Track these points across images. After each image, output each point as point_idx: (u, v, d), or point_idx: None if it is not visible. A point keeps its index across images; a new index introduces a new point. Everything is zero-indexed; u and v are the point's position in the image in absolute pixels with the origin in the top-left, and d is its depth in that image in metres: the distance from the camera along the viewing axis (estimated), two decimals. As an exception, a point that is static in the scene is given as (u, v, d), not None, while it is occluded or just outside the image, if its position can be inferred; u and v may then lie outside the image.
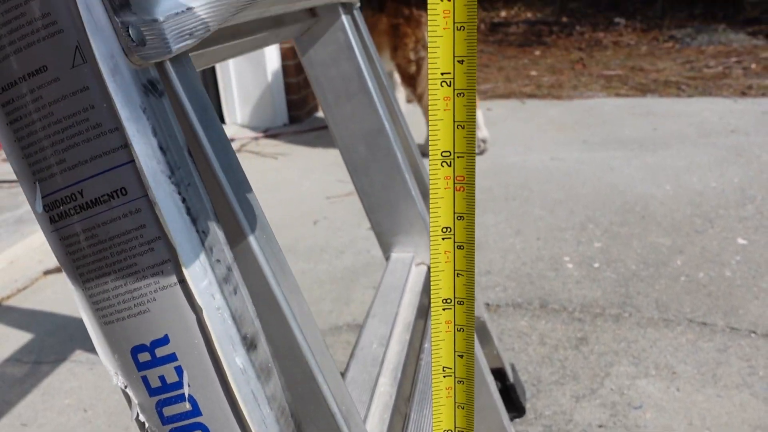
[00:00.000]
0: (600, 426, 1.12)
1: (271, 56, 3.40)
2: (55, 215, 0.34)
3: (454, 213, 0.38)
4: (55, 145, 0.33)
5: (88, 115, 0.32)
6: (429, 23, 0.36)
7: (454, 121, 0.36)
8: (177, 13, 0.36)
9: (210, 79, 3.42)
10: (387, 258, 0.89)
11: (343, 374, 0.64)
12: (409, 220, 0.86)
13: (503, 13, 7.24)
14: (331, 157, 2.80)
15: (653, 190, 2.17)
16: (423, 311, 0.82)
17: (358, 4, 0.81)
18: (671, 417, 1.13)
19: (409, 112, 3.02)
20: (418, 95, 2.68)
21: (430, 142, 0.38)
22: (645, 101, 3.48)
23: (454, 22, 0.36)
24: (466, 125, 0.37)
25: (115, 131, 0.32)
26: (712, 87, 3.73)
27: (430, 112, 0.37)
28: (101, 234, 0.34)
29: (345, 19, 0.77)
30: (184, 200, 0.34)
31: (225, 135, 0.40)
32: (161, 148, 0.33)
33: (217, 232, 0.36)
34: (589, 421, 1.13)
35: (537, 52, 5.22)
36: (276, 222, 2.15)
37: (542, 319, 1.46)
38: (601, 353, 1.33)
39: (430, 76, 0.37)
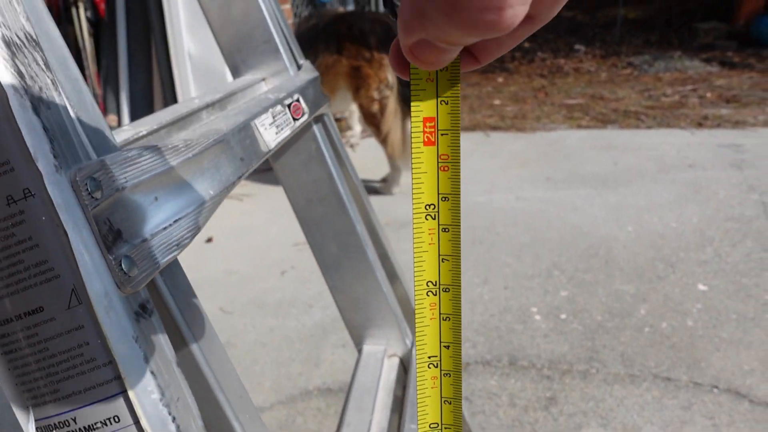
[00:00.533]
0: (571, 494, 1.15)
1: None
2: (48, 437, 0.35)
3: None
4: (49, 376, 0.34)
5: (82, 351, 0.33)
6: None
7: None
8: (165, 227, 0.38)
9: (171, 102, 3.40)
10: (359, 350, 0.91)
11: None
12: (380, 316, 0.88)
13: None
14: (301, 196, 2.81)
15: (616, 232, 2.24)
16: (397, 406, 0.84)
17: (329, 111, 0.84)
18: (639, 482, 1.17)
19: (370, 146, 3.06)
20: (382, 136, 2.72)
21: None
22: (606, 133, 3.58)
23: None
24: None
25: (109, 364, 0.34)
26: (670, 117, 3.85)
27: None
28: (94, 457, 0.35)
29: (316, 128, 0.79)
30: (174, 419, 0.35)
31: (211, 328, 0.42)
32: (152, 373, 0.35)
33: (206, 440, 0.37)
34: (560, 489, 1.16)
35: (500, 79, 5.32)
36: (244, 272, 2.15)
37: (512, 378, 1.49)
38: (570, 414, 1.36)
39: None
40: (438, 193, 0.36)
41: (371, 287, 0.85)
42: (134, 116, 3.15)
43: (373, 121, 2.70)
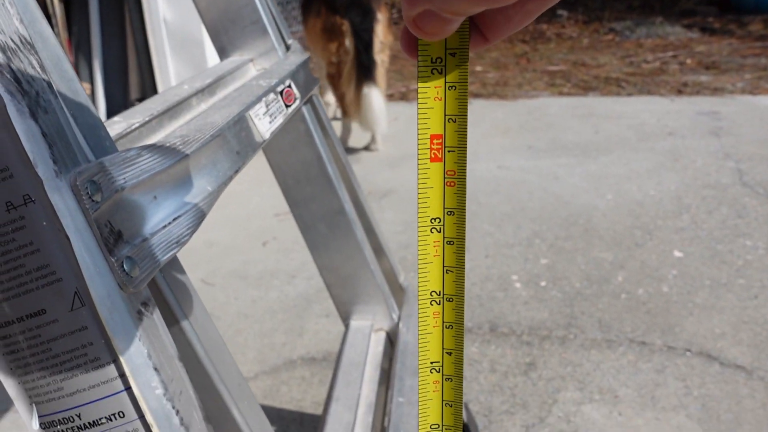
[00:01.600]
0: (549, 457, 1.20)
1: (213, 54, 3.34)
2: (53, 432, 0.36)
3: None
4: (53, 375, 0.35)
5: (86, 351, 0.34)
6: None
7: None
8: (164, 226, 0.39)
9: (148, 81, 3.31)
10: (346, 325, 0.93)
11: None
12: (367, 292, 0.90)
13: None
14: (283, 165, 2.80)
15: (596, 201, 2.27)
16: (384, 379, 0.87)
17: (318, 92, 0.84)
18: (614, 445, 1.22)
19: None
20: (338, 94, 2.94)
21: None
22: (587, 101, 3.59)
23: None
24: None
25: (113, 363, 0.35)
26: (651, 84, 3.87)
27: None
28: (100, 449, 0.36)
29: (305, 109, 0.79)
30: (177, 412, 0.37)
31: (210, 320, 0.43)
32: (155, 369, 0.36)
33: (206, 430, 0.39)
34: (539, 453, 1.21)
35: (483, 45, 5.28)
36: (225, 243, 2.15)
37: (492, 344, 1.53)
38: (549, 379, 1.41)
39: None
40: (444, 208, 0.36)
41: (359, 265, 0.86)
42: (108, 84, 3.07)
43: (332, 81, 2.91)
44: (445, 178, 0.36)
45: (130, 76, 3.09)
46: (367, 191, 2.46)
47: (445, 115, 0.35)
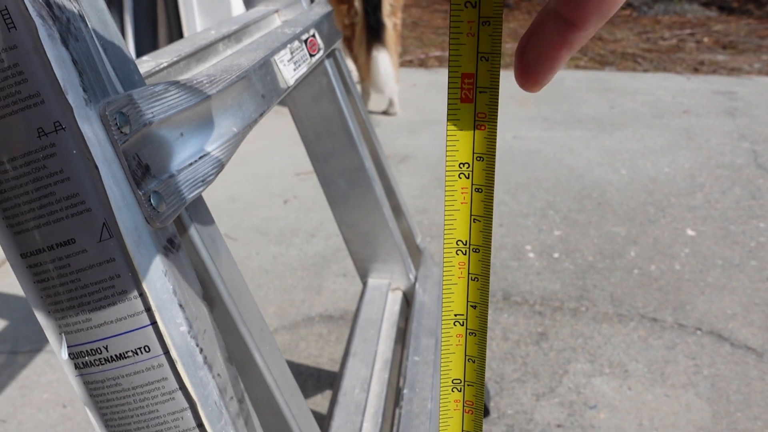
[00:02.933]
0: (558, 426, 1.20)
1: (239, 9, 3.33)
2: (80, 363, 0.36)
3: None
4: (81, 306, 0.35)
5: (114, 283, 0.34)
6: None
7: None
8: (191, 163, 0.38)
9: (177, 35, 3.31)
10: (364, 283, 0.93)
11: (328, 421, 0.68)
12: (385, 250, 0.89)
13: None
14: (295, 130, 2.80)
15: (610, 176, 2.25)
16: (400, 337, 0.87)
17: (340, 47, 0.82)
18: (623, 417, 1.22)
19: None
20: (352, 57, 2.94)
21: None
22: (603, 75, 3.54)
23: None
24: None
25: (140, 296, 0.34)
26: (667, 61, 3.81)
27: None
28: (124, 383, 0.36)
29: (327, 63, 0.78)
30: (201, 350, 0.37)
31: (234, 264, 0.43)
32: (180, 306, 0.36)
33: (229, 371, 0.39)
34: (548, 421, 1.21)
35: (500, 16, 5.20)
36: (247, 200, 2.17)
37: (505, 312, 1.53)
38: (560, 350, 1.41)
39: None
40: (473, 152, 0.35)
41: (378, 222, 0.86)
42: (138, 38, 3.10)
43: (347, 45, 2.91)
44: (475, 120, 0.34)
45: (159, 30, 3.12)
46: (386, 155, 2.46)
47: (477, 52, 0.33)
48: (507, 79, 3.49)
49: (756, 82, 3.37)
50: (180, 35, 3.06)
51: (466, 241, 0.36)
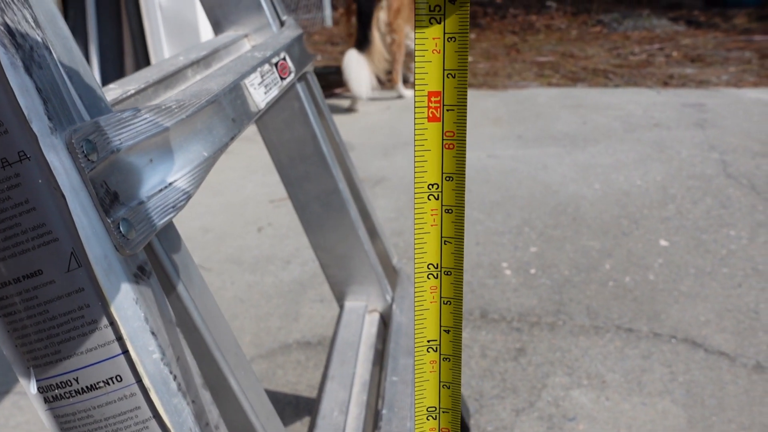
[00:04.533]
0: (538, 441, 1.21)
1: (208, 38, 3.32)
2: (50, 396, 0.36)
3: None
4: (50, 338, 0.34)
5: (83, 313, 0.34)
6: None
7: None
8: (161, 189, 0.38)
9: (144, 65, 3.30)
10: (340, 306, 0.93)
11: (306, 444, 0.67)
12: (362, 273, 0.89)
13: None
14: (271, 152, 2.79)
15: (584, 190, 2.28)
16: (378, 359, 0.87)
17: (312, 70, 0.83)
18: (601, 428, 1.22)
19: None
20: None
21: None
22: (576, 92, 3.60)
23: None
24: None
25: (110, 326, 0.34)
26: (637, 76, 3.89)
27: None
28: (96, 415, 0.35)
29: (299, 86, 0.78)
30: (174, 377, 0.36)
31: (207, 289, 0.42)
32: (152, 333, 0.35)
33: (203, 397, 0.38)
34: (528, 436, 1.22)
35: (472, 35, 5.28)
36: (221, 230, 2.14)
37: (483, 330, 1.54)
38: (538, 364, 1.41)
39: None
40: (442, 173, 0.34)
41: (353, 245, 0.86)
42: (104, 69, 3.06)
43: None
44: (443, 139, 0.34)
45: (126, 61, 3.08)
46: (361, 178, 2.46)
47: (444, 69, 0.33)
48: (481, 97, 3.54)
49: (724, 93, 3.45)
50: (147, 64, 3.04)
51: (437, 264, 0.35)
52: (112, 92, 0.45)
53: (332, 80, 4.04)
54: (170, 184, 0.38)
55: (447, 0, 0.32)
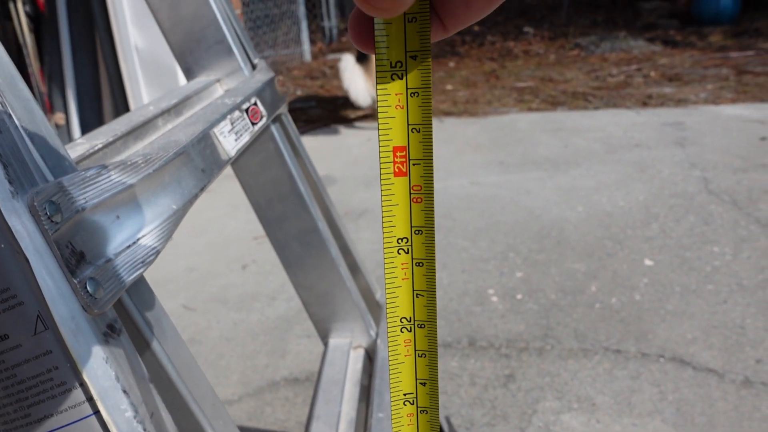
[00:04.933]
0: (530, 469, 1.20)
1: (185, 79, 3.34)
2: (20, 459, 0.35)
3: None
4: (19, 402, 0.34)
5: (52, 375, 0.34)
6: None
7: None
8: (129, 246, 0.39)
9: (122, 108, 3.31)
10: (325, 343, 0.93)
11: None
12: (344, 310, 0.89)
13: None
14: (256, 187, 2.79)
15: (567, 213, 2.30)
16: (364, 395, 0.86)
17: (286, 111, 0.84)
18: (594, 454, 1.22)
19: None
20: None
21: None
22: (556, 116, 3.65)
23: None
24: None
25: (80, 386, 0.34)
26: (616, 97, 3.96)
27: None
28: (68, 475, 0.35)
29: (274, 128, 0.79)
30: (147, 434, 0.36)
31: (182, 341, 0.43)
32: (124, 391, 0.35)
33: (178, 451, 0.38)
34: (520, 465, 1.21)
35: (451, 64, 5.36)
36: (205, 269, 2.13)
37: (471, 358, 1.53)
38: (528, 390, 1.41)
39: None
40: (411, 227, 0.34)
41: (335, 282, 0.86)
42: (82, 113, 3.06)
43: None
44: (411, 194, 0.34)
45: (104, 104, 3.07)
46: (343, 212, 2.46)
47: (408, 124, 0.33)
48: (461, 125, 3.58)
49: (702, 111, 3.51)
50: (126, 108, 3.03)
51: (410, 318, 0.35)
52: (79, 147, 0.46)
53: (313, 114, 4.07)
54: (139, 239, 0.39)
55: (408, 56, 0.32)
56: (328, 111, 4.13)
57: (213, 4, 0.72)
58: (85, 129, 3.06)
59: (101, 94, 3.07)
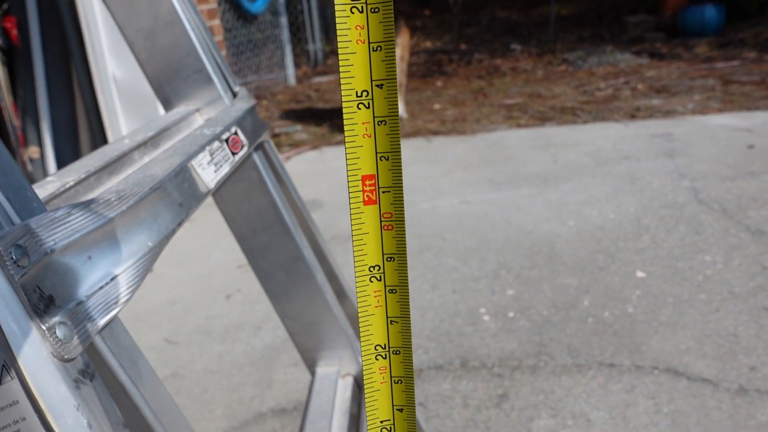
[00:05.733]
0: (526, 489, 1.19)
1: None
2: (-8, 504, 0.35)
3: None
4: (-13, 450, 0.34)
5: (19, 427, 0.33)
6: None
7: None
8: (101, 287, 0.39)
9: (100, 141, 3.18)
10: (312, 373, 0.92)
11: None
12: (331, 337, 0.89)
13: (405, 42, 7.43)
14: (248, 213, 2.79)
15: (558, 228, 2.31)
16: (354, 423, 0.86)
17: (269, 138, 0.84)
18: (589, 471, 1.22)
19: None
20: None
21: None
22: (544, 131, 3.68)
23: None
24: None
25: (49, 433, 0.34)
26: (605, 111, 3.99)
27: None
28: None
29: (256, 156, 0.79)
30: (118, 474, 0.36)
31: (159, 382, 0.43)
32: (95, 435, 0.36)
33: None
34: (516, 485, 1.20)
35: (439, 83, 5.39)
36: (188, 301, 2.11)
37: (464, 379, 1.53)
38: (522, 408, 1.41)
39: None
40: (383, 254, 0.34)
41: (321, 311, 0.86)
42: (58, 146, 2.98)
43: None
44: (381, 221, 0.34)
45: (80, 137, 2.99)
46: (330, 236, 2.46)
47: (376, 152, 0.33)
48: (450, 144, 3.60)
49: (690, 122, 3.54)
50: (104, 140, 2.96)
51: (385, 345, 0.35)
52: (50, 186, 0.46)
53: (298, 138, 4.09)
54: (112, 279, 0.39)
55: (374, 84, 0.32)
56: (313, 135, 4.14)
57: (191, 33, 0.72)
58: (61, 162, 2.97)
59: (78, 127, 2.98)
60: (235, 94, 0.79)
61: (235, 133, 0.70)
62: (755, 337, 1.56)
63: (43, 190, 0.45)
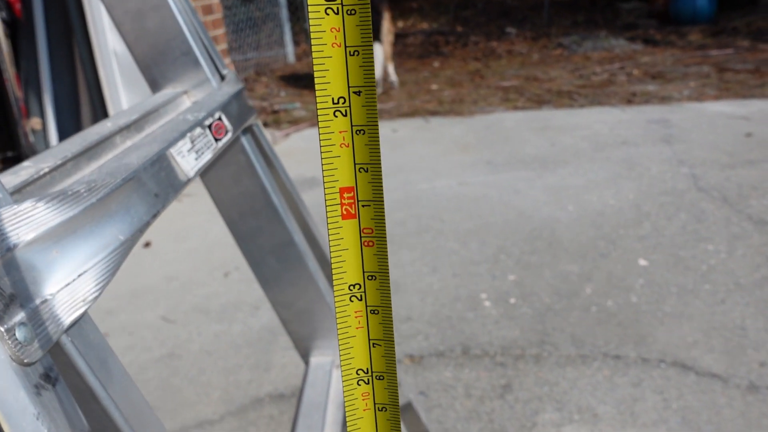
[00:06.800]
0: (532, 486, 1.15)
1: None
2: None
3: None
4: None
5: (-29, 442, 0.28)
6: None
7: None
8: (68, 284, 0.33)
9: (101, 114, 3.22)
10: (306, 363, 0.87)
11: None
12: (325, 326, 0.84)
13: (400, 24, 7.35)
14: (239, 195, 2.73)
15: (558, 213, 2.26)
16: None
17: (257, 121, 0.78)
18: (597, 467, 1.17)
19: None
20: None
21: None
22: (542, 114, 3.62)
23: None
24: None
25: (6, 454, 0.28)
26: (601, 95, 3.93)
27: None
28: None
29: (244, 140, 0.74)
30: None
31: (131, 383, 0.37)
32: (61, 455, 0.30)
33: None
34: (520, 481, 1.16)
35: (436, 64, 5.32)
36: (186, 277, 2.06)
37: (466, 368, 1.48)
38: (526, 401, 1.36)
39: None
40: (363, 272, 0.32)
41: (314, 298, 0.81)
42: (59, 118, 2.99)
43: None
44: (361, 237, 0.31)
45: (82, 110, 3.00)
46: (323, 218, 2.41)
47: (354, 164, 0.31)
48: (448, 125, 3.54)
49: (687, 108, 3.49)
50: (105, 113, 2.96)
51: (367, 369, 0.33)
52: (24, 172, 0.40)
53: (297, 115, 4.01)
54: (80, 275, 0.33)
55: (351, 91, 0.30)
56: (312, 112, 4.07)
57: (179, 16, 0.68)
58: (63, 134, 2.99)
59: (79, 99, 3.01)
60: (223, 77, 0.74)
61: (219, 119, 0.64)
62: (764, 331, 1.52)
63: (15, 177, 0.40)
